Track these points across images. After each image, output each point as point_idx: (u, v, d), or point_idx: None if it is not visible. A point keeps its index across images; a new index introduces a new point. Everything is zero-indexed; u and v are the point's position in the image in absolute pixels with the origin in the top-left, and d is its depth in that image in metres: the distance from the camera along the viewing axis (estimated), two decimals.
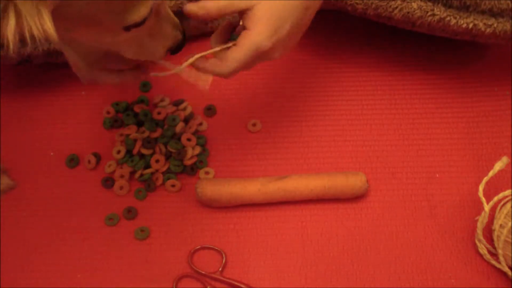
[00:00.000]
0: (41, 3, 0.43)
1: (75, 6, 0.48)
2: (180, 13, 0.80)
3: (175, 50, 0.62)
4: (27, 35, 0.43)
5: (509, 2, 0.68)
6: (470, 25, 0.69)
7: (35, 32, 0.43)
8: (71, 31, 0.51)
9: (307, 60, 0.85)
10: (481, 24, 0.68)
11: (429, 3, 0.69)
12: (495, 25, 0.68)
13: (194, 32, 0.83)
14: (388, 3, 0.69)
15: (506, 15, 0.68)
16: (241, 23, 0.62)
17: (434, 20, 0.69)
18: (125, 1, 0.51)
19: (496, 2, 0.68)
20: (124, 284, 0.70)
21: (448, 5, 0.69)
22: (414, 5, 0.69)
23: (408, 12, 0.69)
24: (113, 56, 0.60)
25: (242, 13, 0.60)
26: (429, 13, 0.69)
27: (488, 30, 0.69)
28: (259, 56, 0.61)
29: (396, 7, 0.69)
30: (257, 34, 0.59)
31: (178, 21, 0.61)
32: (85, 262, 0.71)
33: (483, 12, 0.69)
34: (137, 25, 0.53)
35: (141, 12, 0.52)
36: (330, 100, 0.81)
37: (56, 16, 0.45)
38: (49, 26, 0.44)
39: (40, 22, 0.43)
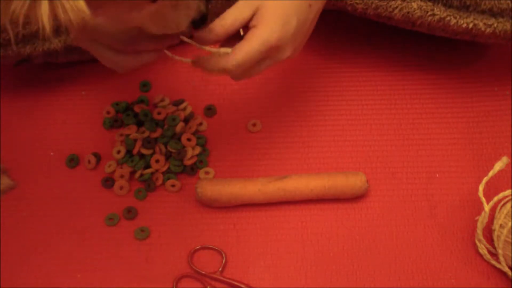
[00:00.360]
0: None
1: None
2: None
3: (198, 22, 0.61)
4: (61, 15, 0.43)
5: (509, 2, 0.68)
6: (470, 25, 0.69)
7: (69, 11, 0.43)
8: (98, 9, 0.51)
9: (307, 60, 0.85)
10: (481, 24, 0.68)
11: (429, 3, 0.69)
12: (495, 25, 0.68)
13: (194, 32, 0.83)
14: (388, 3, 0.69)
15: (506, 15, 0.68)
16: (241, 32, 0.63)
17: (434, 20, 0.69)
18: None
19: (496, 2, 0.68)
20: (124, 284, 0.70)
21: (448, 5, 0.69)
22: (414, 5, 0.69)
23: (408, 12, 0.69)
24: (139, 36, 0.61)
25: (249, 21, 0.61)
26: (429, 13, 0.69)
27: (488, 30, 0.69)
28: (267, 53, 0.61)
29: (396, 7, 0.69)
30: (264, 29, 0.60)
31: None
32: (85, 262, 0.71)
33: (483, 12, 0.69)
34: None
35: None
36: (330, 100, 0.81)
37: None
38: (82, 3, 0.43)
39: (73, 0, 0.43)
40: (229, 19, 0.61)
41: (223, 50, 0.61)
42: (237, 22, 0.61)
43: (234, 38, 0.63)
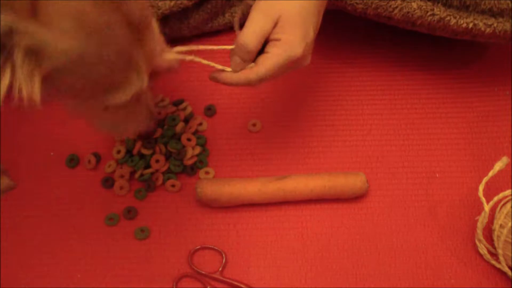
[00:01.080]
0: (36, 68, 0.45)
1: (65, 79, 0.50)
2: (180, 13, 0.80)
3: (145, 136, 0.70)
4: (16, 93, 0.46)
5: (508, 2, 0.68)
6: (470, 25, 0.68)
7: (24, 93, 0.46)
8: (55, 97, 0.53)
9: None
10: (481, 24, 0.68)
11: (429, 3, 0.69)
12: (495, 25, 0.68)
13: (194, 32, 0.83)
14: (388, 3, 0.69)
15: (506, 15, 0.68)
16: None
17: (434, 20, 0.69)
18: (109, 86, 0.52)
19: (496, 2, 0.68)
20: (124, 284, 0.70)
21: (448, 5, 0.69)
22: (414, 5, 0.69)
23: (408, 12, 0.69)
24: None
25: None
26: (429, 13, 0.69)
27: (488, 30, 0.69)
28: (290, 65, 0.61)
29: (396, 7, 0.69)
30: (288, 42, 0.59)
31: (154, 112, 0.64)
32: (85, 262, 0.71)
33: (483, 12, 0.69)
34: (117, 106, 0.55)
35: (122, 97, 0.53)
36: (330, 100, 0.81)
37: (45, 81, 0.47)
38: (36, 93, 0.46)
39: (31, 86, 0.46)
40: (253, 40, 0.59)
41: (248, 65, 0.61)
42: (262, 39, 0.60)
43: None
